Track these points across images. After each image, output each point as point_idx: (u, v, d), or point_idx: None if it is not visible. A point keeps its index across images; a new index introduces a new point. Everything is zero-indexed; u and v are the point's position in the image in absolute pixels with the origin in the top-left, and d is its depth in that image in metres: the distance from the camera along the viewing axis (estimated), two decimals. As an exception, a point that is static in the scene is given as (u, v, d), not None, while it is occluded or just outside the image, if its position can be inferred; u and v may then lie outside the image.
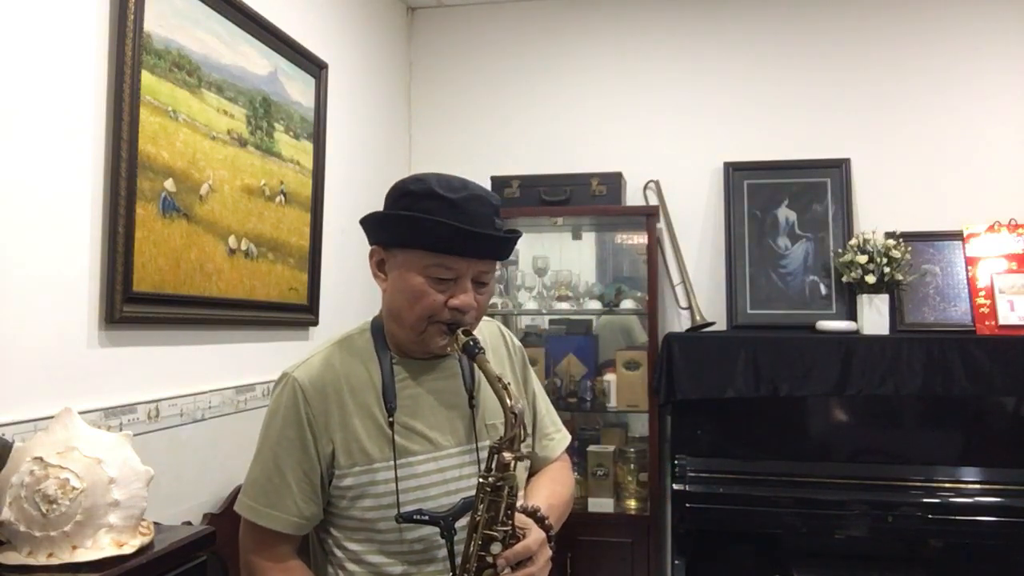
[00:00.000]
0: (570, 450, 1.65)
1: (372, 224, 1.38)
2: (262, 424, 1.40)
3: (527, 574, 1.23)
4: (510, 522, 1.24)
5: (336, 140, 2.74)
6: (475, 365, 1.33)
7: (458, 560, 1.27)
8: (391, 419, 1.34)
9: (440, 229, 1.26)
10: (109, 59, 1.70)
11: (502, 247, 1.35)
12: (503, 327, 1.60)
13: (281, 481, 1.33)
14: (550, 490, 1.48)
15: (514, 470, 1.25)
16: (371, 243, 1.40)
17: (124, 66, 1.70)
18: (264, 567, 1.36)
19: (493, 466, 1.25)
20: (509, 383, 1.28)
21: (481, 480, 1.25)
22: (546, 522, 1.32)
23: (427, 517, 1.30)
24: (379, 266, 1.38)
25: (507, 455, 1.24)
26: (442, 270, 1.29)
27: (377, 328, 1.43)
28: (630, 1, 3.38)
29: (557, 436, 1.59)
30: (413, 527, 1.32)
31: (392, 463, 1.33)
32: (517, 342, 1.59)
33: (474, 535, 1.23)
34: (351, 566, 1.36)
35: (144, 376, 1.83)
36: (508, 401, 1.24)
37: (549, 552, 1.29)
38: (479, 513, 1.24)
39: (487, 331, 1.53)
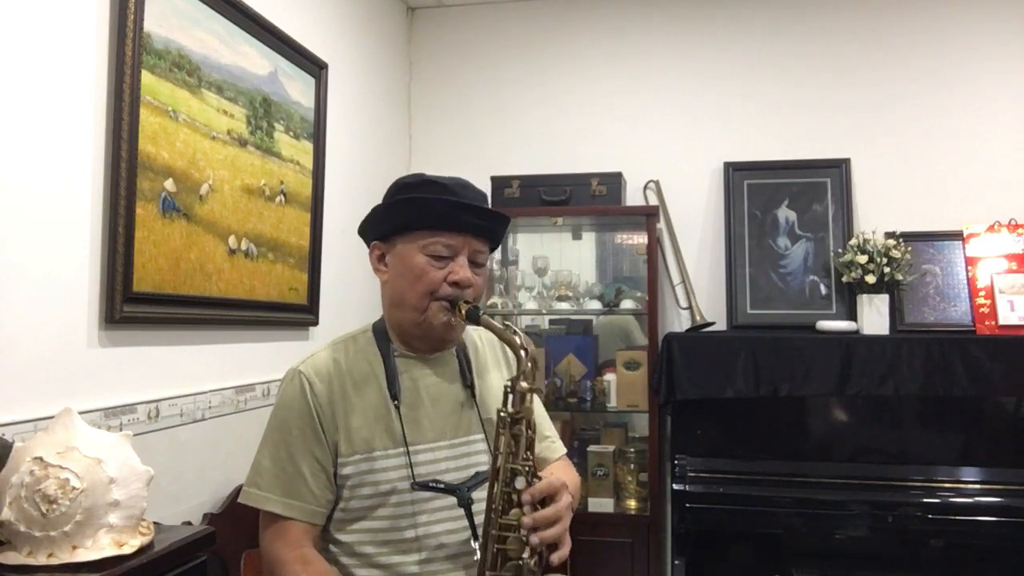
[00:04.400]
0: (570, 451, 1.67)
1: (372, 221, 1.46)
2: (269, 418, 1.42)
3: (553, 510, 1.25)
4: (531, 456, 1.29)
5: (336, 140, 2.74)
6: (472, 361, 1.46)
7: (478, 520, 1.31)
8: (396, 403, 1.39)
9: (436, 206, 1.37)
10: (109, 59, 1.70)
11: (494, 224, 1.44)
12: None
13: (295, 470, 1.36)
14: (564, 475, 1.49)
15: (531, 403, 1.30)
16: (371, 241, 1.47)
17: (124, 66, 1.70)
18: (283, 558, 1.35)
19: (510, 402, 1.29)
20: (517, 331, 1.33)
21: (502, 414, 1.30)
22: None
23: (443, 485, 1.35)
24: (380, 260, 1.45)
25: (523, 384, 1.29)
26: (440, 247, 1.38)
27: (379, 329, 1.49)
28: (630, 1, 3.38)
29: (557, 441, 1.63)
30: (410, 519, 1.35)
31: (390, 451, 1.37)
32: None
33: (498, 471, 1.27)
34: (345, 559, 1.38)
35: (144, 376, 1.83)
36: (518, 340, 1.32)
37: (569, 498, 1.31)
38: (501, 447, 1.28)
39: (486, 337, 1.56)
